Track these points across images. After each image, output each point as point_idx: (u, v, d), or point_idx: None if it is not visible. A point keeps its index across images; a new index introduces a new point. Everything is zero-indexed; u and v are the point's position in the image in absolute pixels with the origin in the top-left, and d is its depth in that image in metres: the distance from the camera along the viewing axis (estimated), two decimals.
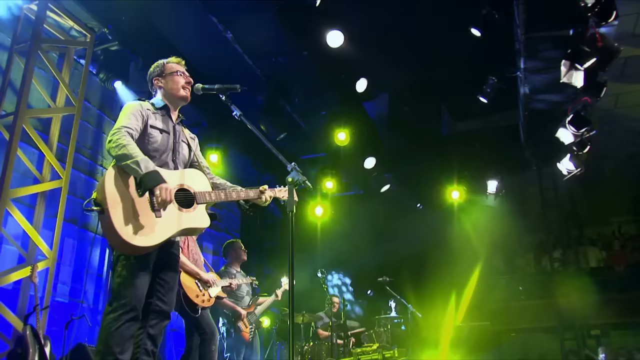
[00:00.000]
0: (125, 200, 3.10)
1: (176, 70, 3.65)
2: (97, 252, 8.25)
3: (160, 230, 3.15)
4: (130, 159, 3.10)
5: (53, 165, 7.00)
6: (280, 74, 8.66)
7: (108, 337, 3.04)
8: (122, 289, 3.13)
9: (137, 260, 3.17)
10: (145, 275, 3.21)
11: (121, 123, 3.28)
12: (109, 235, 3.07)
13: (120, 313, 3.08)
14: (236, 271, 6.58)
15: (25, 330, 5.10)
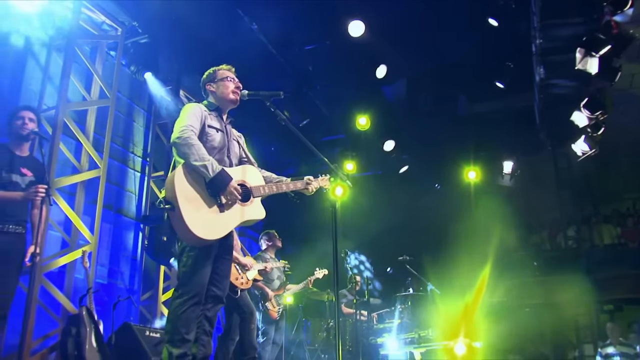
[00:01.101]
0: (193, 197, 3.46)
1: (226, 76, 3.98)
2: (131, 236, 8.66)
3: (224, 223, 3.53)
4: (199, 160, 3.48)
5: (91, 154, 7.39)
6: (303, 63, 8.95)
7: (175, 319, 3.44)
8: (188, 278, 3.51)
9: (200, 251, 3.53)
10: (208, 265, 3.58)
11: (186, 122, 3.62)
12: (180, 230, 3.43)
13: (186, 299, 3.47)
14: (270, 257, 6.97)
15: (82, 311, 5.50)
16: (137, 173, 8.91)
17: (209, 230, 3.45)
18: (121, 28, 8.07)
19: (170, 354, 3.40)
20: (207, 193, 3.51)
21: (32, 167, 4.85)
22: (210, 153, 3.68)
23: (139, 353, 5.98)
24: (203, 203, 3.48)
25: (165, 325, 3.58)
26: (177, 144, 3.53)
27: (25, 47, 7.12)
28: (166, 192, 3.49)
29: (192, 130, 3.59)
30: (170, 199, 3.42)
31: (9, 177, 4.60)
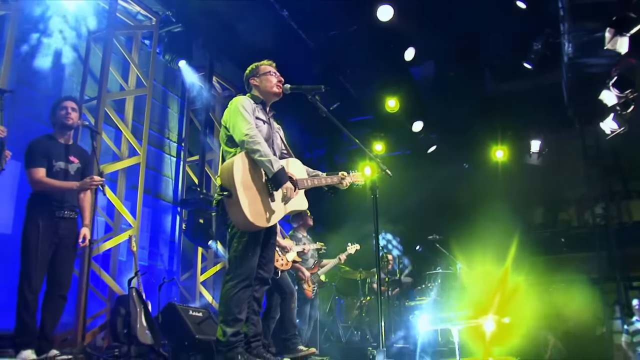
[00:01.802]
0: (249, 186, 3.72)
1: (269, 70, 4.19)
2: (169, 219, 8.97)
3: (274, 212, 3.78)
4: (265, 156, 3.72)
5: (130, 142, 7.67)
6: (333, 47, 9.12)
7: (228, 300, 3.70)
8: (239, 262, 3.77)
9: (250, 237, 3.78)
10: (257, 250, 3.83)
11: (248, 119, 3.87)
12: (235, 216, 3.69)
13: (237, 281, 3.73)
14: (302, 236, 7.20)
15: (131, 292, 5.80)
16: (173, 158, 9.19)
17: (261, 217, 3.70)
18: (155, 18, 8.30)
19: (225, 333, 3.67)
20: (261, 183, 3.75)
21: (78, 154, 5.09)
22: None
23: (183, 331, 6.27)
24: (258, 192, 3.72)
25: (218, 306, 3.84)
26: (244, 142, 3.77)
27: (66, 39, 7.37)
28: (222, 180, 3.73)
29: (255, 127, 3.84)
30: (228, 187, 3.67)
31: (59, 165, 4.85)
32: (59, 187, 4.77)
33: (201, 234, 8.15)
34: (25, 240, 4.64)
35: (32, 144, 4.83)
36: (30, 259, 4.58)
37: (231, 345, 3.67)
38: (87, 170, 5.12)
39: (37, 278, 4.60)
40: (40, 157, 4.74)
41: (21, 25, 6.37)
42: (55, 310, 4.80)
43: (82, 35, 7.55)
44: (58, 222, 4.78)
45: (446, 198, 11.89)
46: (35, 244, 4.60)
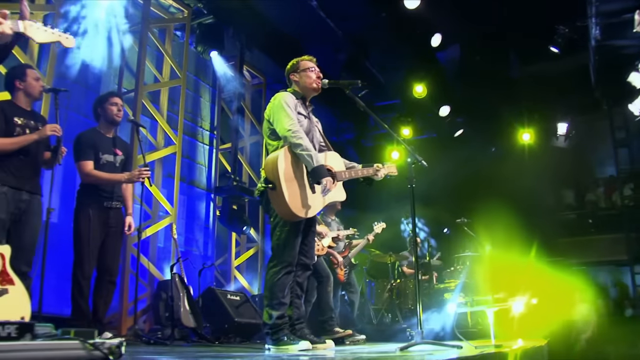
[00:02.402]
0: (292, 178, 3.91)
1: (309, 67, 4.34)
2: (203, 206, 9.23)
3: (315, 203, 3.98)
4: (306, 151, 3.90)
5: (166, 131, 7.91)
6: (360, 35, 9.26)
7: (272, 286, 3.93)
8: (281, 249, 3.99)
9: (291, 226, 3.98)
10: (298, 238, 4.04)
11: (291, 115, 4.04)
12: (278, 206, 3.89)
13: (280, 268, 3.95)
14: (331, 219, 7.39)
15: (174, 278, 6.06)
16: (206, 146, 9.43)
17: (303, 209, 3.89)
18: (187, 10, 8.49)
19: (271, 316, 3.90)
20: (303, 176, 3.94)
21: (121, 147, 5.35)
22: None
23: (223, 314, 6.54)
24: (299, 185, 3.92)
25: (264, 291, 4.06)
26: (287, 137, 3.95)
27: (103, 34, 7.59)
28: (267, 172, 3.94)
29: (297, 122, 4.02)
30: (272, 179, 3.87)
31: (105, 157, 5.10)
32: (108, 179, 5.02)
33: (236, 220, 8.41)
34: (78, 229, 4.91)
35: (80, 137, 5.08)
36: (82, 247, 4.85)
37: (277, 327, 3.90)
38: (129, 162, 5.38)
39: (89, 265, 4.87)
40: (89, 150, 4.99)
41: (62, 23, 6.59)
42: (107, 295, 5.08)
43: (118, 29, 7.77)
44: (107, 212, 5.05)
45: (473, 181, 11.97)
46: (87, 233, 4.86)
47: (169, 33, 8.47)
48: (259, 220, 9.57)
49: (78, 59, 6.94)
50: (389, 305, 9.44)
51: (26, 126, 4.38)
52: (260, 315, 6.89)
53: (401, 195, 10.31)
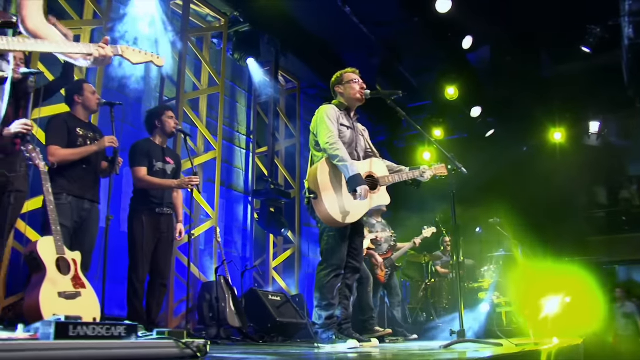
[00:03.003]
0: (331, 187, 4.16)
1: (352, 78, 4.56)
2: (241, 209, 9.48)
3: (357, 210, 4.19)
4: (343, 161, 4.13)
5: (207, 137, 8.18)
6: (393, 39, 9.43)
7: (322, 287, 4.16)
8: (330, 253, 4.23)
9: (338, 232, 4.21)
10: (345, 242, 4.27)
11: (331, 128, 4.28)
12: (322, 214, 4.12)
13: (329, 271, 4.18)
14: (376, 221, 7.58)
15: (220, 279, 6.32)
16: (243, 150, 9.69)
17: (345, 215, 4.14)
18: (224, 18, 8.74)
19: (320, 316, 4.14)
20: (342, 185, 4.18)
21: (172, 156, 5.64)
22: None
23: (265, 314, 6.78)
24: (339, 193, 4.16)
25: (314, 293, 4.29)
26: (326, 149, 4.20)
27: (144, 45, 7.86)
28: (309, 183, 4.22)
29: (336, 135, 4.24)
30: (314, 189, 4.13)
31: (158, 165, 5.38)
32: (159, 185, 5.29)
33: (274, 222, 8.64)
34: (132, 235, 5.18)
35: (135, 145, 5.37)
36: (137, 252, 5.12)
37: (326, 327, 4.13)
38: (179, 171, 5.66)
39: (143, 269, 5.14)
40: (143, 157, 5.27)
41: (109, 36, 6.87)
42: (159, 297, 5.35)
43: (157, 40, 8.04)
44: (159, 218, 5.31)
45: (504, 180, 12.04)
46: (141, 239, 5.13)
47: (206, 41, 8.73)
48: (296, 222, 9.79)
49: (123, 71, 7.23)
50: (424, 304, 9.62)
51: (86, 137, 4.67)
52: (301, 315, 7.17)
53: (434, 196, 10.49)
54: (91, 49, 2.71)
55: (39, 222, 4.83)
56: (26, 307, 3.41)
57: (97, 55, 2.72)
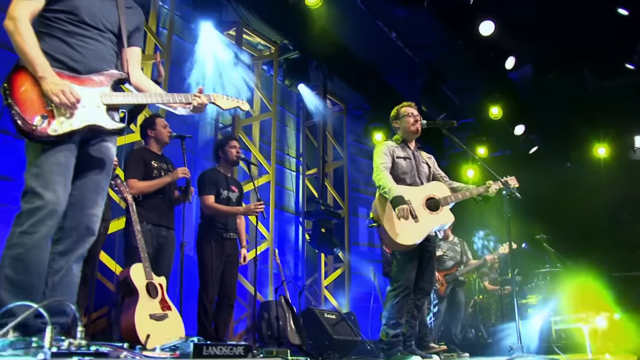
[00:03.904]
0: (391, 215, 4.47)
1: (407, 113, 4.87)
2: (292, 229, 9.80)
3: (420, 231, 4.46)
4: (383, 189, 4.50)
5: (260, 161, 8.53)
6: (437, 61, 9.69)
7: (391, 307, 4.44)
8: (398, 275, 4.50)
9: (405, 254, 4.50)
10: (412, 264, 4.56)
11: (379, 161, 4.65)
12: (387, 240, 4.40)
13: (399, 292, 4.46)
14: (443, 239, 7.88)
15: (281, 299, 6.62)
16: (293, 172, 10.02)
17: (408, 238, 4.44)
18: (274, 46, 9.12)
19: (387, 334, 4.42)
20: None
21: (236, 185, 6.00)
22: (402, 177, 4.70)
23: (322, 332, 7.04)
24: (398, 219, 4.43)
25: (382, 312, 4.57)
26: (376, 181, 4.58)
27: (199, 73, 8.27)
28: (372, 213, 4.61)
29: (383, 167, 4.61)
30: (376, 219, 4.52)
31: (224, 194, 5.72)
32: (227, 212, 5.62)
33: (326, 242, 8.92)
34: (202, 258, 5.51)
35: (203, 175, 5.73)
36: (207, 275, 5.45)
37: (392, 344, 4.40)
38: (242, 198, 6.00)
39: (213, 290, 5.46)
40: (211, 186, 5.62)
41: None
42: (227, 317, 5.68)
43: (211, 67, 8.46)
44: (225, 242, 5.64)
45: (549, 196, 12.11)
46: (211, 262, 5.46)
47: (257, 69, 9.11)
48: (345, 241, 10.06)
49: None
50: (473, 321, 9.75)
51: (160, 169, 5.04)
52: (355, 333, 7.41)
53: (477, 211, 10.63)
54: (189, 98, 3.05)
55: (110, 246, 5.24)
56: (123, 328, 3.76)
57: (195, 105, 3.06)
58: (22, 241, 2.50)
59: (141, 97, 2.98)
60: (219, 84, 7.82)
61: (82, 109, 2.67)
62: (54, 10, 2.78)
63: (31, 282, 2.52)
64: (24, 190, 2.59)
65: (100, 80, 2.82)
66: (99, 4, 2.91)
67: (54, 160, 2.60)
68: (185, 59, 7.64)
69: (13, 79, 2.59)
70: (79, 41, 2.81)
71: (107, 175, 2.91)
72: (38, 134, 2.54)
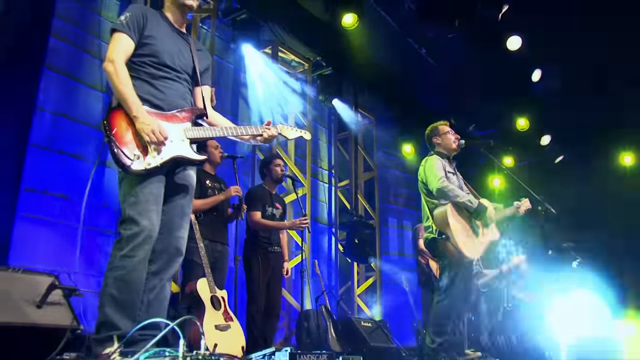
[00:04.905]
0: (460, 228, 4.76)
1: (448, 130, 5.14)
2: (325, 239, 10.11)
3: (480, 245, 4.82)
4: (462, 198, 4.75)
5: (297, 175, 8.84)
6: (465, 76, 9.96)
7: (439, 316, 4.82)
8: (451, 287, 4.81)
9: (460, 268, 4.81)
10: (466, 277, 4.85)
11: (439, 174, 4.87)
12: (451, 252, 4.72)
13: (446, 303, 4.79)
14: None
15: (322, 309, 6.93)
16: (325, 184, 10.33)
17: (473, 251, 4.79)
18: (308, 63, 9.46)
19: (434, 340, 4.73)
20: (466, 225, 4.73)
21: (280, 201, 6.33)
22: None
23: (360, 340, 7.31)
24: (466, 233, 4.72)
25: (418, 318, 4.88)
26: (443, 192, 4.78)
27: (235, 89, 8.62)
28: (438, 226, 4.81)
29: (445, 180, 4.82)
30: (444, 231, 4.73)
31: (270, 210, 6.04)
32: (273, 227, 5.95)
33: (359, 252, 9.23)
34: (250, 271, 5.83)
35: (250, 192, 6.07)
36: (255, 287, 5.77)
37: (436, 351, 4.67)
38: (285, 214, 6.32)
39: (260, 301, 5.78)
40: (258, 202, 5.94)
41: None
42: (273, 326, 5.99)
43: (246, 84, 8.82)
44: (270, 256, 5.96)
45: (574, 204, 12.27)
46: (257, 274, 5.77)
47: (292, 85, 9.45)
48: (377, 251, 10.34)
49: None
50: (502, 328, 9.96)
51: (214, 188, 5.38)
52: (391, 340, 7.69)
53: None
54: (259, 130, 3.38)
55: None
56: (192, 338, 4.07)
57: (265, 136, 3.38)
58: (123, 264, 2.84)
59: (218, 131, 3.32)
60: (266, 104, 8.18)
61: (169, 143, 3.02)
62: (140, 54, 3.14)
63: (132, 299, 2.86)
64: (122, 218, 2.94)
65: (183, 116, 3.17)
66: (176, 49, 3.27)
67: (148, 190, 2.94)
68: (226, 80, 7.98)
69: (111, 117, 2.94)
70: (162, 82, 3.17)
71: (190, 200, 3.25)
72: (135, 168, 2.88)
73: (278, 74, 8.69)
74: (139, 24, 3.12)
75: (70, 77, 6.37)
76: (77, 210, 6.15)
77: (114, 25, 3.13)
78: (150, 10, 3.28)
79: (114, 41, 3.07)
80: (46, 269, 4.53)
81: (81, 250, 6.13)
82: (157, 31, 3.21)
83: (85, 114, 6.44)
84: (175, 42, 3.29)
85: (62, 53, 6.32)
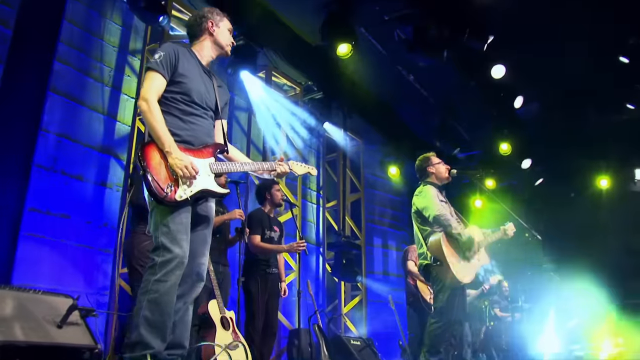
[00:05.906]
0: (453, 254, 5.08)
1: (439, 161, 5.44)
2: (313, 259, 10.32)
3: (473, 270, 5.12)
4: (456, 230, 5.05)
5: (288, 197, 9.08)
6: (450, 101, 10.34)
7: (434, 337, 5.03)
8: (445, 310, 5.07)
9: (453, 292, 5.10)
10: (457, 300, 5.12)
11: (436, 203, 5.19)
12: (446, 277, 5.01)
13: (441, 324, 5.04)
14: None
15: (314, 328, 7.14)
16: (314, 205, 10.58)
17: (465, 276, 5.08)
18: (299, 87, 9.74)
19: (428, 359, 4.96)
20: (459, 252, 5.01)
21: (278, 225, 6.56)
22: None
23: (349, 358, 7.56)
24: (458, 258, 5.00)
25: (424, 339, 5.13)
26: (440, 221, 5.09)
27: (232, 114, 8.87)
28: (432, 252, 5.11)
29: (442, 209, 5.10)
30: (439, 257, 5.03)
31: (269, 233, 6.28)
32: (271, 250, 6.18)
33: (347, 272, 9.47)
34: (249, 292, 6.05)
35: (250, 215, 6.29)
36: (253, 306, 5.99)
37: None
38: (282, 237, 6.55)
39: (259, 320, 6.00)
40: (258, 226, 6.17)
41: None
42: (270, 344, 6.20)
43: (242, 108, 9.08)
44: (268, 277, 6.19)
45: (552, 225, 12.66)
46: (257, 295, 6.00)
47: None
48: (363, 271, 10.59)
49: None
50: (484, 346, 10.26)
51: (217, 211, 5.58)
52: (379, 358, 7.93)
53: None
54: (274, 166, 3.63)
55: None
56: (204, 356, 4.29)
57: (279, 172, 3.63)
58: (157, 288, 3.06)
59: (239, 166, 3.56)
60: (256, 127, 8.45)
61: (198, 177, 3.25)
62: (172, 91, 3.38)
63: (164, 321, 3.08)
64: (156, 245, 3.16)
65: (209, 151, 3.41)
66: (203, 87, 3.52)
67: (179, 220, 3.17)
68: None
69: (145, 151, 3.17)
70: (191, 119, 3.41)
71: (210, 229, 3.49)
72: (168, 199, 3.12)
73: (274, 96, 8.94)
74: (172, 62, 3.36)
75: (73, 99, 6.56)
76: (78, 230, 6.32)
77: (149, 64, 3.37)
78: (181, 49, 3.50)
79: (148, 79, 3.31)
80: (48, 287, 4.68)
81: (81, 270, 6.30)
82: (189, 70, 3.45)
83: (87, 136, 6.64)
84: (203, 81, 3.54)
85: (66, 76, 6.52)
